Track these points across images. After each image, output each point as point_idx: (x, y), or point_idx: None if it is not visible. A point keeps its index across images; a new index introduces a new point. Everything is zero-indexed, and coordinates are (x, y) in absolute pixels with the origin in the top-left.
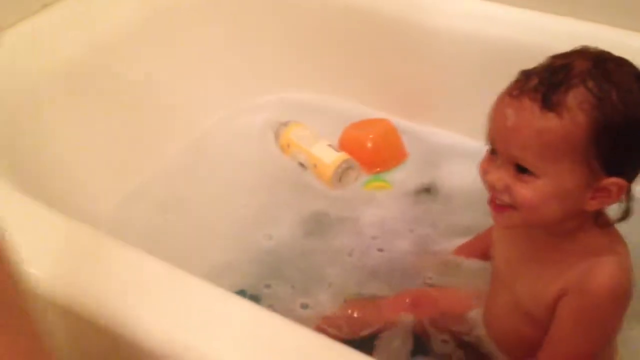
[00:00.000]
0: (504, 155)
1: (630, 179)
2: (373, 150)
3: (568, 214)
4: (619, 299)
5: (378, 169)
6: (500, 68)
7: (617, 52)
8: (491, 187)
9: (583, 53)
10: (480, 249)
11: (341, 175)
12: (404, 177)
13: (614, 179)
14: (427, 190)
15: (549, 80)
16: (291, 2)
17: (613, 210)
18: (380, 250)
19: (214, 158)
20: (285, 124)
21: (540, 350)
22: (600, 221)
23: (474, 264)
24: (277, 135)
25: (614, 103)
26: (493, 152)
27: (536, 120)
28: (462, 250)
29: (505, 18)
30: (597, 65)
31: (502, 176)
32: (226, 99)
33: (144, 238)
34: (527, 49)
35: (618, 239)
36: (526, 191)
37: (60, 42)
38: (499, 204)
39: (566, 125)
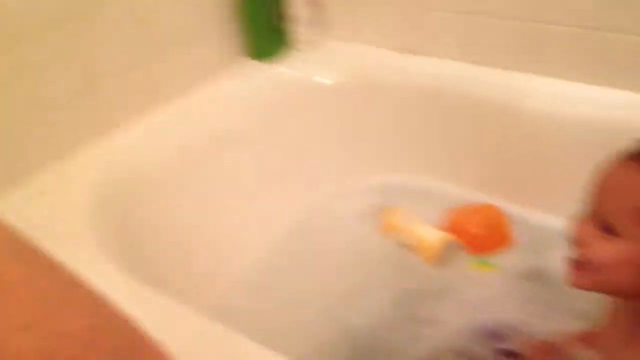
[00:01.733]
0: (597, 214)
1: None
2: (478, 234)
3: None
4: None
5: (483, 253)
6: (600, 150)
7: None
8: (576, 239)
9: None
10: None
11: (446, 252)
12: (509, 262)
13: None
14: (536, 276)
15: None
16: (390, 86)
17: None
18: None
19: (315, 240)
20: (388, 209)
21: None
22: None
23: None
24: (380, 219)
25: None
26: (588, 217)
27: (638, 181)
28: (572, 340)
29: (602, 99)
30: None
31: (588, 232)
32: (328, 183)
33: (247, 318)
34: (629, 128)
35: None
36: (606, 249)
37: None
38: (575, 265)
39: None
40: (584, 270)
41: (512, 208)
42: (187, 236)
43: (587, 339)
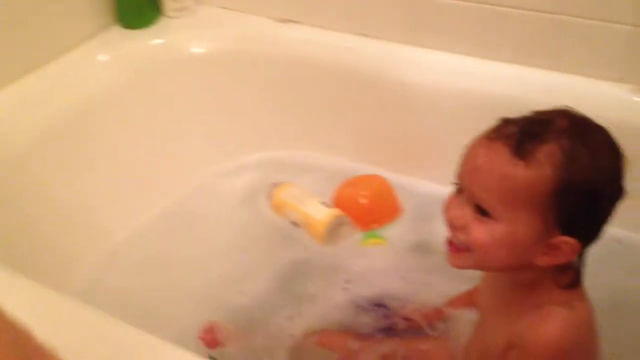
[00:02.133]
0: (468, 193)
1: (583, 243)
2: (368, 207)
3: (518, 263)
4: (559, 355)
5: (373, 226)
6: (483, 121)
7: (590, 99)
8: (450, 224)
9: (565, 113)
10: (473, 300)
11: (334, 231)
12: (400, 232)
13: (566, 238)
14: (423, 245)
15: (526, 130)
16: (274, 61)
17: None
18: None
19: (199, 219)
20: (276, 185)
21: None
22: (559, 280)
23: (465, 314)
24: (269, 196)
25: (583, 166)
26: (459, 191)
27: (504, 165)
28: (455, 302)
29: (485, 72)
30: (576, 127)
31: (463, 214)
32: (212, 159)
33: (120, 299)
34: (511, 101)
35: (578, 296)
36: (481, 232)
37: (40, 106)
38: (455, 245)
39: (532, 176)
40: (461, 251)
41: (399, 178)
42: (52, 215)
43: (468, 299)
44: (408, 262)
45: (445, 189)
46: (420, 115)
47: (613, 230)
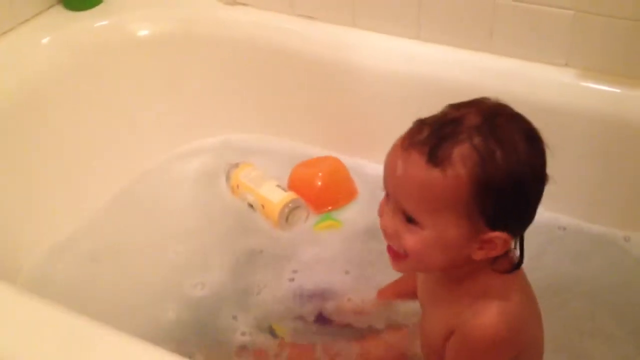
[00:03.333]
0: (394, 202)
1: (514, 234)
2: (323, 189)
3: (455, 261)
4: (495, 345)
5: (329, 208)
6: (427, 103)
7: (536, 84)
8: (383, 232)
9: (478, 105)
10: (404, 288)
11: (288, 215)
12: (355, 214)
13: (497, 233)
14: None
15: (438, 134)
16: (222, 43)
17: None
18: (303, 289)
19: (151, 205)
20: (235, 165)
21: None
22: (496, 266)
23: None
24: (227, 177)
25: (497, 162)
26: (388, 197)
27: (421, 174)
28: (385, 292)
29: (429, 55)
30: (488, 120)
31: (393, 223)
32: (162, 143)
33: (70, 291)
34: (455, 85)
35: (515, 285)
36: (411, 240)
37: None
38: (394, 251)
39: (448, 180)
40: (400, 257)
41: (352, 161)
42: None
43: (398, 289)
44: (359, 248)
45: None
46: (366, 98)
47: (557, 217)
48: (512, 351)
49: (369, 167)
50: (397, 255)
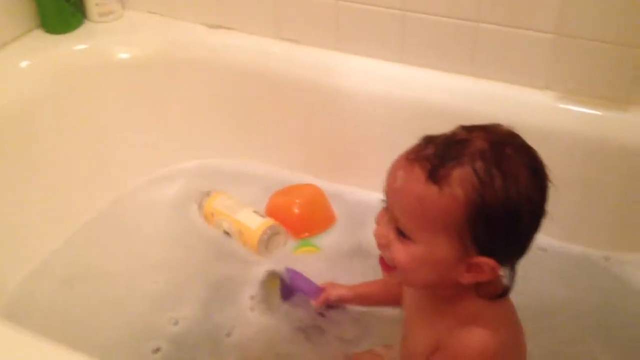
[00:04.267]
0: (390, 213)
1: (502, 262)
2: (300, 216)
3: (443, 281)
4: None
5: (306, 234)
6: (409, 128)
7: (516, 106)
8: (376, 242)
9: (489, 131)
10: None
11: (268, 241)
12: (333, 240)
13: (484, 259)
14: (357, 252)
15: (443, 153)
16: (204, 67)
17: None
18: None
19: (128, 230)
20: (208, 194)
21: None
22: (480, 292)
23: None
24: (200, 205)
25: (495, 189)
26: (386, 208)
27: (420, 189)
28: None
29: (412, 79)
30: (494, 147)
31: (386, 233)
32: (141, 168)
33: (46, 318)
34: (437, 108)
35: (501, 313)
36: (400, 253)
37: None
38: (385, 263)
39: (444, 200)
40: (391, 269)
41: (332, 186)
42: None
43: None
44: (337, 268)
45: (377, 195)
46: (349, 122)
47: (537, 237)
48: None
49: (348, 193)
50: (389, 268)
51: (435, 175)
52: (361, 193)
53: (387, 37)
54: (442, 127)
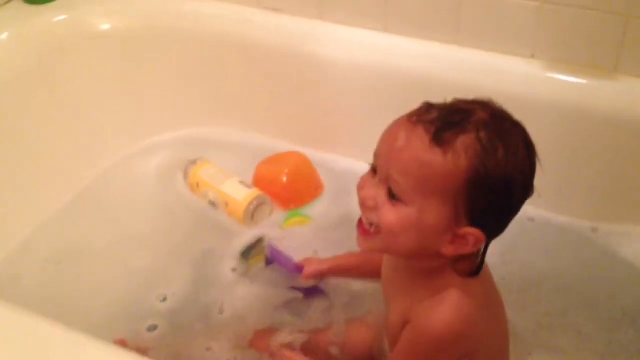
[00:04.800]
0: (383, 174)
1: (489, 236)
2: (288, 186)
3: (425, 250)
4: (444, 345)
5: (295, 204)
6: (394, 96)
7: (502, 75)
8: (362, 203)
9: (486, 105)
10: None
11: (254, 212)
12: (322, 209)
13: (474, 230)
14: (345, 222)
15: (447, 118)
16: (184, 37)
17: None
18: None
19: (112, 203)
20: (193, 162)
21: None
22: (458, 267)
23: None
24: (185, 174)
25: (498, 159)
26: (374, 170)
27: (422, 150)
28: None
29: (396, 48)
30: (495, 120)
31: (375, 195)
32: (124, 140)
33: (33, 294)
34: (422, 77)
35: (477, 284)
36: (390, 215)
37: None
38: (365, 228)
39: (447, 164)
40: (369, 234)
41: (318, 155)
42: None
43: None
44: (332, 239)
45: (361, 164)
46: (332, 91)
47: (525, 208)
48: (462, 348)
49: (333, 161)
50: (367, 233)
51: (439, 138)
52: (346, 161)
53: (370, 6)
54: (427, 96)
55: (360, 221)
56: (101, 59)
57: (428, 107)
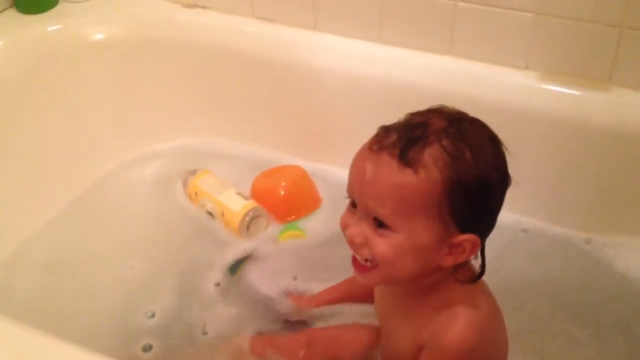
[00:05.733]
0: (363, 208)
1: (483, 237)
2: (286, 199)
3: (425, 269)
4: (467, 354)
5: (292, 217)
6: (390, 106)
7: (496, 87)
8: (350, 242)
9: (440, 112)
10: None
11: (249, 223)
12: (318, 224)
13: (467, 236)
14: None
15: (407, 137)
16: (180, 47)
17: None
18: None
19: (108, 212)
20: (193, 172)
21: None
22: (458, 276)
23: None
24: (185, 183)
25: (467, 162)
26: (353, 205)
27: (393, 175)
28: (320, 298)
29: (393, 58)
30: (453, 124)
31: (361, 230)
32: (120, 149)
33: (26, 304)
34: (417, 88)
35: (479, 293)
36: (382, 245)
37: None
38: (361, 264)
39: (421, 181)
40: (366, 270)
41: (316, 167)
42: None
43: (335, 294)
44: (327, 253)
45: None
46: (328, 101)
47: (519, 218)
48: (482, 355)
49: (331, 173)
50: (364, 269)
51: (406, 159)
52: (343, 173)
53: (365, 17)
54: (422, 106)
55: (354, 259)
56: (95, 68)
57: (385, 130)
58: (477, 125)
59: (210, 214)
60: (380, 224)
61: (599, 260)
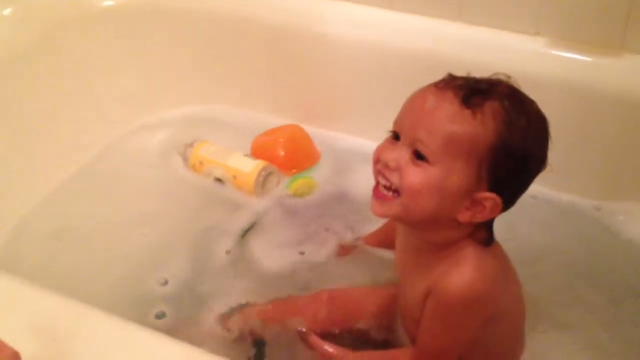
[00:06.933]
0: (408, 139)
1: (506, 203)
2: (286, 154)
3: (441, 215)
4: (469, 304)
5: (294, 171)
6: (394, 74)
7: (507, 53)
8: (383, 165)
9: (504, 82)
10: (386, 238)
11: (264, 182)
12: (322, 174)
13: (492, 194)
14: (342, 196)
15: (474, 86)
16: (185, 15)
17: None
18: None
19: (115, 180)
20: (190, 144)
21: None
22: (476, 236)
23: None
24: (185, 157)
25: (521, 129)
26: (395, 138)
27: (452, 112)
28: (370, 239)
29: (397, 24)
30: (515, 94)
31: (399, 156)
32: (125, 117)
33: (35, 269)
34: (425, 55)
35: (491, 253)
36: (416, 174)
37: None
38: (382, 193)
39: (476, 126)
40: (387, 198)
41: (320, 132)
42: None
43: (382, 237)
44: (330, 213)
45: (359, 140)
46: (334, 69)
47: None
48: (489, 308)
49: (335, 138)
50: (383, 196)
51: (469, 100)
52: (348, 139)
53: None
54: (431, 74)
55: (376, 187)
56: (103, 35)
57: (453, 77)
58: (533, 104)
59: (219, 180)
60: (419, 156)
61: (609, 227)
